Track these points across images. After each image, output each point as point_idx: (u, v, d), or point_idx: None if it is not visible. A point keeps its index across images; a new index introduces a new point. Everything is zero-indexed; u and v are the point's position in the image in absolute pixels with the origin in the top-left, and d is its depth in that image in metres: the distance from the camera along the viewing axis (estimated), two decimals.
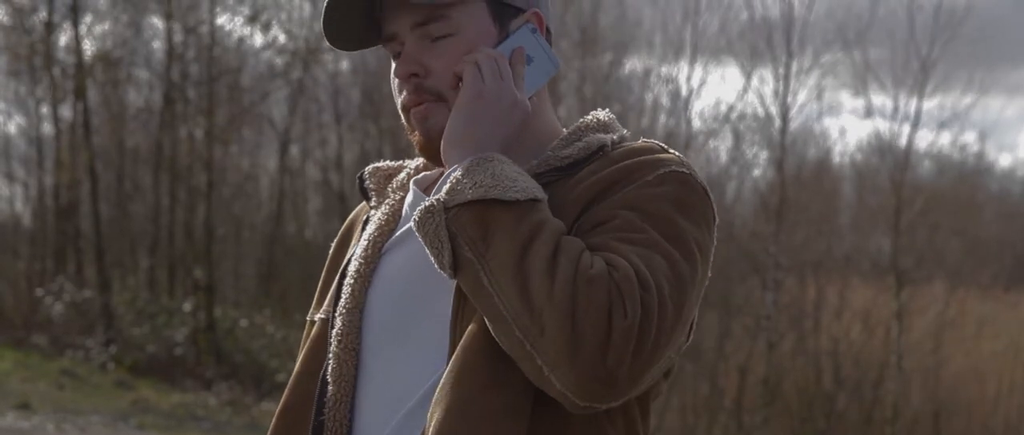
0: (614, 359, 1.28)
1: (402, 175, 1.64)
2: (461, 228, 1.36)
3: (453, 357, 1.40)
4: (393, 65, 1.52)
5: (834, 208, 19.76)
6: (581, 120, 1.56)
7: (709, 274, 1.45)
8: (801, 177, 18.36)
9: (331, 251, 1.69)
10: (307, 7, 16.93)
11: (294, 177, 17.84)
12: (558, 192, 1.43)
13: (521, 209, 1.35)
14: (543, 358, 1.31)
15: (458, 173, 1.39)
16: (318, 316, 1.60)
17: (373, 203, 1.63)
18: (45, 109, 16.53)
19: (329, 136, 17.54)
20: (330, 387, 1.51)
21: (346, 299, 1.53)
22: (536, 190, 1.38)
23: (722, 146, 18.95)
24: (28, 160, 17.14)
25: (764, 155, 18.18)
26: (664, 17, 21.73)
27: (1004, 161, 39.59)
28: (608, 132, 1.54)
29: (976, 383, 18.34)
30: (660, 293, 1.32)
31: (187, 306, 14.96)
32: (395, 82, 1.52)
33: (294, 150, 17.64)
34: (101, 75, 16.15)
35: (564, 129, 1.57)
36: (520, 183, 1.37)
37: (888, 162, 17.56)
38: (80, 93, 15.57)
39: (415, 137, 1.51)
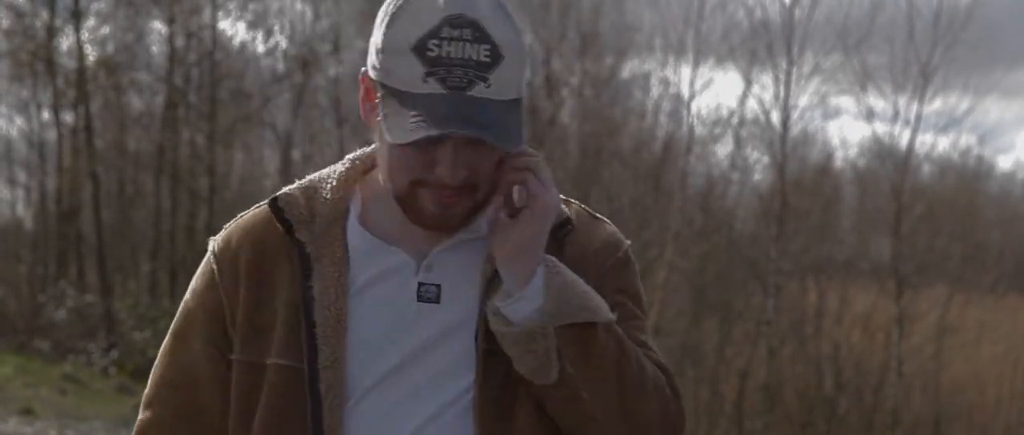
0: None
1: (325, 209, 1.56)
2: (565, 346, 1.47)
3: None
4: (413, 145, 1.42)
5: (835, 212, 19.75)
6: None
7: None
8: (801, 181, 18.36)
9: (243, 284, 1.56)
10: (309, 13, 16.97)
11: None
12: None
13: (606, 326, 1.48)
14: None
15: (552, 292, 1.46)
16: (278, 361, 1.52)
17: (303, 237, 1.54)
18: (47, 113, 16.58)
19: (331, 140, 17.56)
20: None
21: (332, 351, 1.49)
22: (606, 306, 1.50)
23: (723, 150, 18.95)
24: (30, 164, 17.17)
25: (765, 160, 18.19)
26: (665, 21, 21.74)
27: (1004, 163, 39.64)
28: None
29: (976, 388, 18.34)
30: (668, 376, 1.56)
31: None
32: (409, 158, 1.45)
33: (296, 154, 17.66)
34: (103, 79, 16.18)
35: None
36: (595, 298, 1.49)
37: (888, 166, 17.58)
38: (82, 97, 15.60)
39: (419, 209, 1.48)
